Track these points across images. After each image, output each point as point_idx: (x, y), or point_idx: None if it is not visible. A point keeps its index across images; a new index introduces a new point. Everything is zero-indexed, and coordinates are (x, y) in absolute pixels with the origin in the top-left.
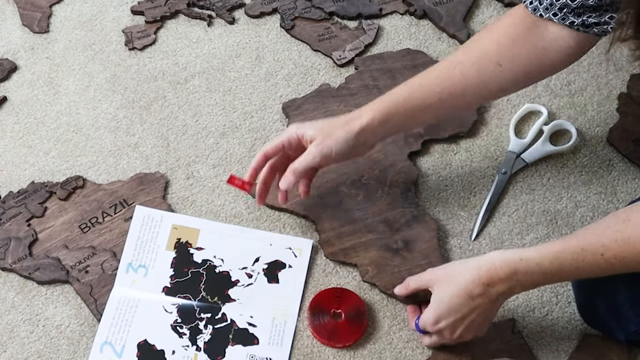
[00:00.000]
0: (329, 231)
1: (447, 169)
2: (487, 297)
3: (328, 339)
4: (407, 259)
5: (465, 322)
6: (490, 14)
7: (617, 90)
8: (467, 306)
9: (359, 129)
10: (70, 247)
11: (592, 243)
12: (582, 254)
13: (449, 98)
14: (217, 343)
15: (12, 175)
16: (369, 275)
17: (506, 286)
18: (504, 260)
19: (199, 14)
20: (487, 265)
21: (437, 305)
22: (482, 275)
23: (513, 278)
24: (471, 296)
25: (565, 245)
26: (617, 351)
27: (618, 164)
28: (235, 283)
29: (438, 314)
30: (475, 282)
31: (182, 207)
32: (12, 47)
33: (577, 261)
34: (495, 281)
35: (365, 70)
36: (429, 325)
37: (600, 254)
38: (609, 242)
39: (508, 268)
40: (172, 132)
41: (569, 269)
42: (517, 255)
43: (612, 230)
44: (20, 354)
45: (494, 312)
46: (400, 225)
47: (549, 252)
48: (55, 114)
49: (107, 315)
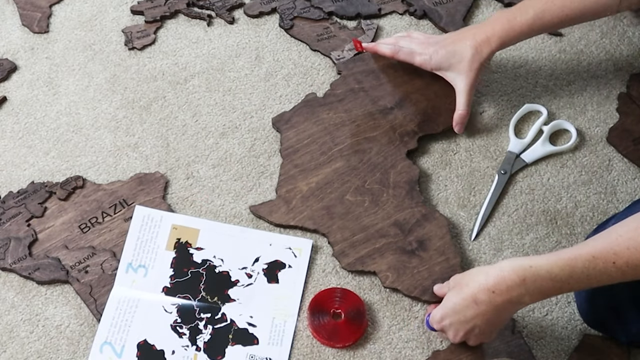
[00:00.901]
0: (341, 242)
1: (447, 168)
2: (491, 304)
3: (328, 339)
4: (424, 258)
5: (468, 326)
6: (490, 14)
7: (617, 90)
8: (470, 310)
9: (486, 57)
10: (70, 247)
11: (603, 251)
12: (593, 261)
13: (568, 22)
14: (217, 343)
15: (12, 175)
16: (390, 281)
17: (513, 294)
18: (513, 268)
19: (199, 14)
20: (496, 273)
21: (445, 304)
22: (490, 281)
23: (521, 286)
24: (476, 301)
25: (576, 253)
26: (617, 351)
27: (618, 163)
28: (235, 283)
29: (444, 313)
30: (482, 288)
31: (182, 207)
32: (12, 47)
33: (589, 269)
34: (502, 289)
35: (348, 75)
36: (434, 322)
37: (612, 261)
38: (621, 249)
39: (516, 275)
40: (171, 132)
41: (580, 277)
42: (526, 263)
43: (624, 238)
44: (20, 354)
45: (499, 322)
46: (411, 226)
47: (560, 260)
48: (55, 114)
49: (106, 315)
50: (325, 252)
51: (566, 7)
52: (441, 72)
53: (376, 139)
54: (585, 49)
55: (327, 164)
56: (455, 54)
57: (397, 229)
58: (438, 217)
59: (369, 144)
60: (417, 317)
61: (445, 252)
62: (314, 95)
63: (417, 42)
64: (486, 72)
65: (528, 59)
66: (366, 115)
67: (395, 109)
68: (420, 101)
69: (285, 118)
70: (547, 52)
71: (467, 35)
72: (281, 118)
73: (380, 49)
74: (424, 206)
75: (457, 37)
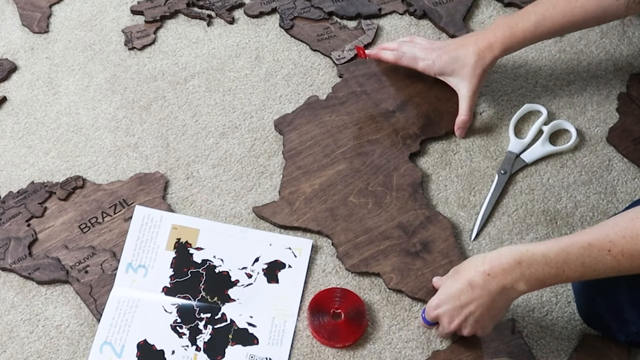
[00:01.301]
0: (345, 244)
1: (447, 169)
2: (487, 288)
3: (328, 339)
4: (428, 260)
5: (463, 313)
6: (490, 14)
7: (616, 90)
8: (466, 294)
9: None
10: (70, 247)
11: (599, 238)
12: (589, 248)
13: (570, 28)
14: (217, 343)
15: (12, 175)
16: (394, 282)
17: (509, 278)
18: (510, 251)
19: (199, 14)
20: (492, 256)
21: (441, 290)
22: (486, 264)
23: (516, 269)
24: (471, 285)
25: (573, 239)
26: (617, 351)
27: (618, 163)
28: (235, 283)
29: (439, 299)
30: (478, 271)
31: (182, 207)
32: (12, 47)
33: (584, 256)
34: (497, 271)
35: (350, 77)
36: (430, 310)
37: (607, 249)
38: (617, 238)
39: (512, 258)
40: (171, 132)
41: (575, 264)
42: (523, 247)
43: (620, 227)
44: (20, 354)
45: (494, 310)
46: (415, 228)
47: (555, 245)
48: (55, 114)
49: (106, 315)
50: (325, 252)
51: (568, 13)
52: (444, 77)
53: (379, 141)
54: (585, 49)
55: (330, 166)
56: (458, 60)
57: (401, 231)
58: (441, 220)
59: (372, 147)
60: (417, 317)
61: (449, 254)
62: (316, 97)
63: (420, 48)
64: None
65: (528, 59)
66: (368, 117)
67: (398, 112)
68: (422, 104)
69: (288, 120)
70: (547, 52)
71: (470, 42)
72: (283, 120)
73: (384, 56)
74: (427, 208)
75: (459, 43)
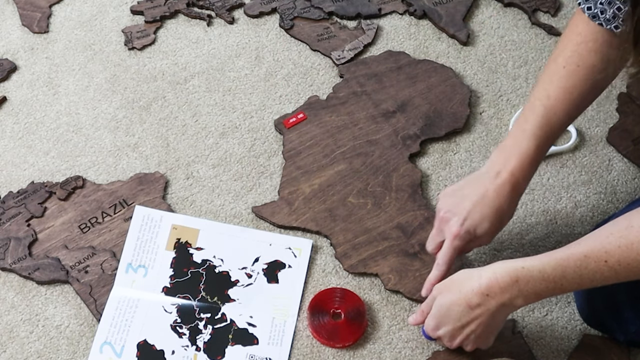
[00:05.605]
0: (344, 244)
1: (447, 169)
2: (486, 307)
3: (328, 339)
4: (426, 262)
5: (464, 332)
6: (489, 14)
7: (617, 90)
8: (466, 316)
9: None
10: (70, 247)
11: (594, 250)
12: (585, 260)
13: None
14: (217, 343)
15: (12, 175)
16: (392, 283)
17: (507, 296)
18: (505, 269)
19: (199, 14)
20: (488, 275)
21: (438, 311)
22: (482, 285)
23: (514, 287)
24: (470, 306)
25: (568, 252)
26: (616, 351)
27: (618, 163)
28: (235, 283)
29: (438, 321)
30: (475, 291)
31: (182, 207)
32: (11, 47)
33: (580, 268)
34: (495, 291)
35: (351, 78)
36: (430, 330)
37: (603, 260)
38: (612, 248)
39: (509, 277)
40: (171, 132)
41: (572, 277)
42: (518, 264)
43: (615, 236)
44: (20, 354)
45: (495, 325)
46: (414, 229)
47: (552, 260)
48: (54, 114)
49: (106, 315)
50: (325, 252)
51: (572, 112)
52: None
53: (379, 142)
54: None
55: (330, 166)
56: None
57: (400, 231)
58: None
59: (372, 147)
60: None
61: None
62: (317, 97)
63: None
64: (486, 72)
65: (528, 59)
66: (368, 118)
67: (398, 113)
68: (422, 105)
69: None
70: (547, 52)
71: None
72: (284, 120)
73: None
74: (426, 209)
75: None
